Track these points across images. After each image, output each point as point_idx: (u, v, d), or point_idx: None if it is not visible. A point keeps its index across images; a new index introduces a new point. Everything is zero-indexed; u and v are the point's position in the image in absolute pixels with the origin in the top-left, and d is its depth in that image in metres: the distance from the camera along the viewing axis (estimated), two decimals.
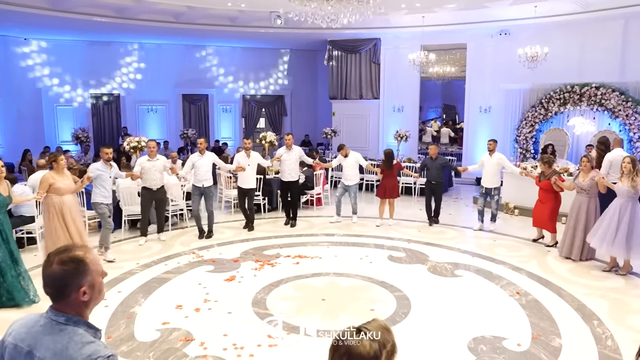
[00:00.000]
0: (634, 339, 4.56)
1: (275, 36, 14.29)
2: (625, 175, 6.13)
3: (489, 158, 8.55)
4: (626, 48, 11.12)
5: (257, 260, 6.77)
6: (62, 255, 1.65)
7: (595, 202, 6.78)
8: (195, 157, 8.00)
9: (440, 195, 9.14)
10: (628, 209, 6.08)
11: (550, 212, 7.53)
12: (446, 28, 12.85)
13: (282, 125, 17.56)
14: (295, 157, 8.84)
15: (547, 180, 7.45)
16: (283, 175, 8.86)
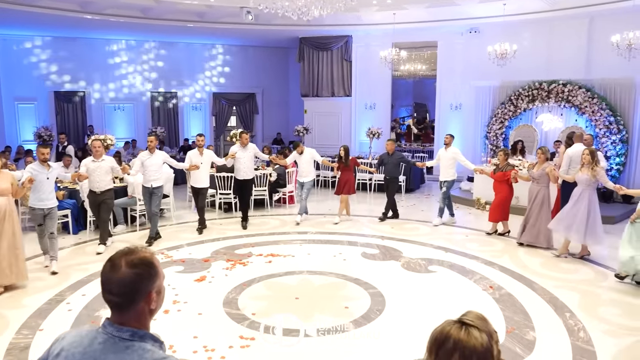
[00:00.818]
0: (605, 329, 4.61)
1: (246, 33, 14.08)
2: (586, 166, 6.50)
3: (445, 152, 8.76)
4: (591, 46, 11.37)
5: (229, 260, 6.60)
6: (131, 257, 1.47)
7: (546, 191, 7.20)
8: (144, 156, 7.57)
9: (394, 191, 9.12)
10: (587, 197, 6.47)
11: (498, 203, 7.91)
12: (417, 25, 12.89)
13: (253, 124, 17.34)
14: (250, 155, 8.55)
15: (501, 172, 7.83)
16: (238, 174, 8.56)
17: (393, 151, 9.11)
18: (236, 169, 8.58)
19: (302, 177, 8.92)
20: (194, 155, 8.20)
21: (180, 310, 4.98)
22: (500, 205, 7.89)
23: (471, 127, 12.75)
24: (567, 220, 6.55)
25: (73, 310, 4.98)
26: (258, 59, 16.82)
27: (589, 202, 6.45)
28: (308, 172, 8.86)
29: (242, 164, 8.48)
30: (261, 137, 17.35)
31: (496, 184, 8.00)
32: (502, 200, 7.89)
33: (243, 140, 8.54)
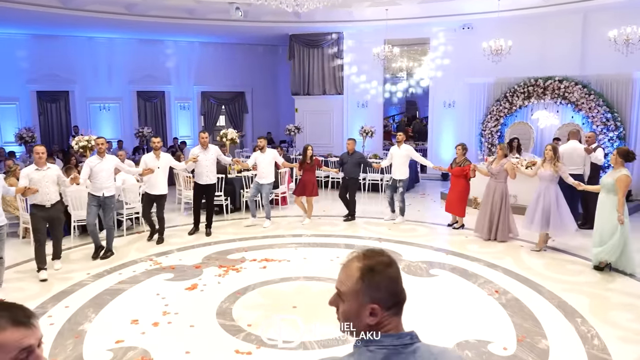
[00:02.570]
0: (620, 336, 4.40)
1: (235, 30, 13.75)
2: (548, 161, 6.74)
3: (398, 150, 8.67)
4: (586, 42, 11.24)
5: (221, 266, 6.29)
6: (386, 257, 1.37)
7: (505, 187, 7.37)
8: (93, 161, 6.63)
9: (354, 191, 8.91)
10: (551, 191, 6.71)
11: (458, 197, 8.08)
12: (409, 22, 12.67)
13: (243, 123, 17.01)
14: (212, 158, 7.90)
15: (459, 167, 7.97)
16: (199, 178, 7.83)
17: (353, 151, 8.86)
18: (197, 173, 7.86)
19: (261, 179, 8.38)
20: (149, 158, 7.39)
21: (171, 323, 4.67)
22: (462, 199, 8.13)
23: (465, 125, 12.56)
24: (538, 217, 6.73)
25: (55, 324, 4.65)
26: (247, 57, 16.48)
27: (555, 196, 6.70)
28: (269, 173, 8.40)
29: (203, 168, 7.78)
30: (251, 136, 17.02)
31: (454, 179, 8.18)
32: (460, 194, 8.10)
33: (202, 142, 7.90)
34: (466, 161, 8.04)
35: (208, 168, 7.84)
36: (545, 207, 6.69)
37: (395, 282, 1.35)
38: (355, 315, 1.34)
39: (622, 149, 6.08)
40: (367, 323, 1.32)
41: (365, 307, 1.31)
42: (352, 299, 1.33)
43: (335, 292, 1.39)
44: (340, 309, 1.38)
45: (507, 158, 7.52)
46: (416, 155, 8.86)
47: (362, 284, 1.32)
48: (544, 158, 6.89)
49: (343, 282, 1.36)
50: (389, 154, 8.97)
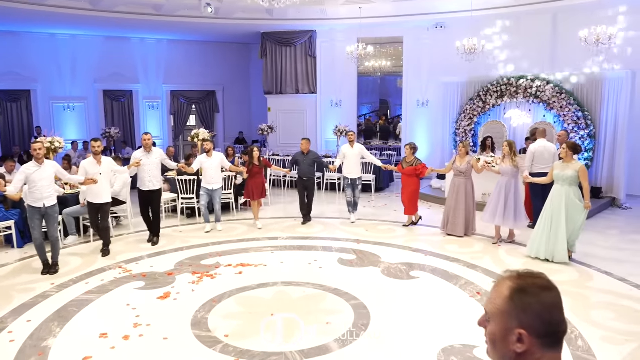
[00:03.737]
0: (603, 336, 4.37)
1: (206, 27, 13.41)
2: (507, 157, 7.05)
3: (351, 149, 8.61)
4: (556, 41, 11.42)
5: (195, 272, 6.03)
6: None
7: (471, 183, 7.58)
8: (30, 168, 5.92)
9: (313, 192, 8.77)
10: (512, 185, 7.05)
11: (410, 195, 8.20)
12: (383, 20, 12.62)
13: (214, 123, 16.66)
14: (156, 162, 7.34)
15: (410, 167, 8.12)
16: (142, 184, 7.27)
17: (308, 150, 8.68)
18: (140, 178, 7.28)
19: (210, 184, 7.97)
20: (89, 165, 6.68)
21: (143, 335, 4.40)
22: (414, 198, 8.25)
23: (439, 124, 12.56)
24: (499, 210, 7.04)
25: (16, 341, 4.31)
26: (218, 55, 16.14)
27: (515, 190, 7.04)
28: (217, 177, 8.01)
29: (146, 173, 7.22)
30: (222, 136, 16.70)
31: (405, 178, 8.27)
32: (413, 194, 8.21)
33: (145, 144, 7.29)
34: (417, 160, 8.18)
35: (151, 173, 7.27)
36: (507, 201, 7.02)
37: (550, 309, 1.23)
38: (501, 339, 1.23)
39: (571, 143, 6.48)
40: (514, 350, 1.20)
41: (512, 331, 1.21)
42: (499, 320, 1.24)
43: (484, 312, 1.29)
44: (487, 330, 1.28)
45: (471, 155, 7.71)
46: (367, 154, 8.86)
47: (511, 304, 1.23)
48: (503, 154, 7.20)
49: (492, 301, 1.28)
50: (340, 153, 8.86)
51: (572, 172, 6.17)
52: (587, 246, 7.21)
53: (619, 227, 8.37)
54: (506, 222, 7.11)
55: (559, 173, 6.32)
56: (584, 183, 6.20)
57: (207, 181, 8.02)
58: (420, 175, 8.19)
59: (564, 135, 8.70)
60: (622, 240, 7.61)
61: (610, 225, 8.51)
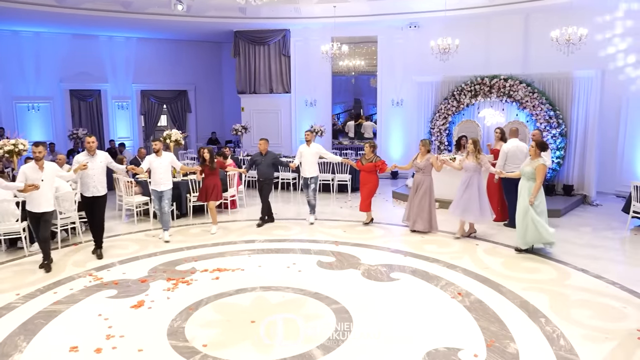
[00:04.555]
0: (584, 334, 4.39)
1: (177, 25, 13.10)
2: (471, 154, 7.38)
3: (307, 148, 8.56)
4: (528, 41, 11.61)
5: (169, 279, 5.83)
6: None
7: (430, 180, 7.81)
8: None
9: (268, 193, 8.54)
10: (476, 181, 7.34)
11: (368, 193, 8.30)
12: (357, 19, 12.58)
13: (186, 123, 16.33)
14: (100, 166, 6.78)
15: (370, 163, 8.19)
16: (85, 189, 6.75)
17: (266, 151, 8.52)
18: (83, 184, 6.76)
19: (158, 185, 7.51)
20: (30, 170, 6.17)
21: (116, 348, 4.19)
22: (371, 195, 8.35)
23: (414, 123, 12.58)
24: (462, 204, 7.34)
25: None
26: (190, 54, 15.82)
27: (478, 186, 7.35)
28: (166, 179, 7.56)
29: (90, 178, 6.67)
30: (195, 137, 16.38)
31: (365, 175, 8.34)
32: (372, 190, 8.32)
33: (89, 147, 6.74)
34: (376, 157, 8.28)
35: (96, 177, 6.72)
36: (470, 196, 7.30)
37: None
38: None
39: (538, 141, 6.85)
40: None
41: None
42: None
43: None
44: None
45: (431, 153, 7.90)
46: (325, 152, 8.84)
47: None
48: (467, 151, 7.50)
49: None
50: (297, 153, 8.78)
51: (530, 169, 6.62)
52: (562, 244, 7.30)
53: (591, 224, 8.52)
54: (470, 216, 7.36)
55: (523, 168, 6.79)
56: (536, 179, 6.54)
57: (155, 182, 7.57)
58: (380, 171, 8.30)
59: (538, 134, 8.82)
60: (595, 237, 7.73)
61: (582, 223, 8.66)
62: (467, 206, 7.31)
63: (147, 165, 7.62)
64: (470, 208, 7.30)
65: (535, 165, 6.57)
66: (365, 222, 8.50)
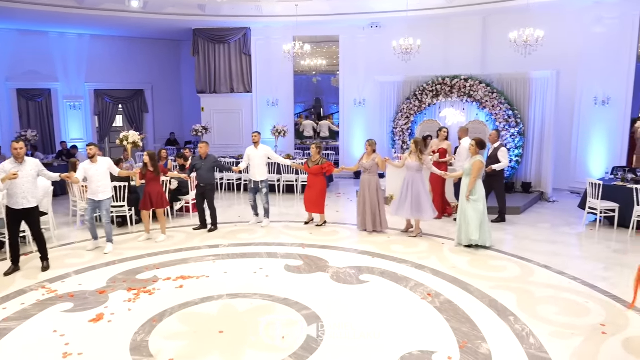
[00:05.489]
0: (552, 331, 4.46)
1: (132, 22, 12.63)
2: (413, 154, 7.57)
3: (255, 150, 8.35)
4: (487, 42, 11.87)
5: (130, 289, 5.54)
6: None
7: (376, 180, 7.89)
8: None
9: (212, 199, 8.11)
10: (418, 180, 7.54)
11: (318, 195, 8.26)
12: (319, 19, 12.50)
13: (143, 123, 15.81)
14: (31, 174, 6.07)
15: (317, 166, 8.16)
16: (13, 201, 5.97)
17: (206, 154, 8.06)
18: (10, 194, 5.97)
19: (96, 195, 6.86)
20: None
21: None
22: (321, 197, 8.30)
23: (377, 123, 12.63)
24: (406, 203, 7.53)
25: None
26: (147, 52, 15.31)
27: (421, 185, 7.55)
28: (105, 187, 6.95)
29: (18, 188, 5.93)
30: (153, 138, 15.88)
31: (312, 177, 8.30)
32: (321, 192, 8.28)
33: (16, 154, 5.97)
34: (322, 159, 8.26)
35: (25, 188, 5.97)
36: (413, 195, 7.49)
37: None
38: None
39: (478, 139, 7.12)
40: None
41: None
42: None
43: None
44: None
45: (377, 153, 7.95)
46: (274, 155, 8.73)
47: None
48: (410, 151, 7.67)
49: None
50: (245, 156, 8.55)
51: (468, 166, 6.96)
52: (523, 241, 7.49)
53: (550, 221, 8.77)
54: (413, 213, 7.56)
55: (465, 166, 7.12)
56: (472, 175, 6.85)
57: (92, 191, 6.89)
58: (327, 173, 8.29)
59: (494, 134, 8.99)
60: (554, 233, 7.95)
61: (541, 219, 8.90)
62: (410, 204, 7.50)
63: (82, 173, 6.89)
64: (412, 206, 7.49)
65: (472, 162, 6.90)
66: (318, 223, 8.41)
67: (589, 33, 10.63)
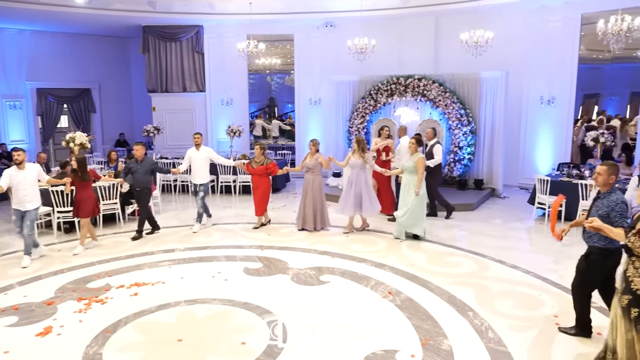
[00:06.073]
0: (509, 325, 4.58)
1: (78, 18, 12.04)
2: (356, 152, 7.69)
3: (197, 152, 8.08)
4: (439, 43, 12.11)
5: (80, 299, 5.27)
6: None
7: (319, 179, 7.95)
8: None
9: (146, 204, 7.78)
10: (362, 178, 7.71)
11: (262, 196, 8.17)
12: (273, 17, 12.37)
13: (90, 124, 15.13)
14: None
15: (262, 166, 8.08)
16: None
17: (143, 157, 7.66)
18: None
19: (23, 204, 6.37)
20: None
21: None
22: (265, 198, 8.20)
23: (332, 122, 12.63)
24: (351, 201, 7.66)
25: None
26: (93, 50, 14.66)
27: (365, 182, 7.71)
28: (32, 195, 6.44)
29: None
30: (101, 139, 15.25)
31: (256, 178, 8.17)
32: (265, 192, 8.18)
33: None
34: (267, 159, 8.16)
35: None
36: (357, 192, 7.65)
37: None
38: None
39: (417, 137, 7.55)
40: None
41: None
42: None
43: None
44: None
45: (320, 152, 8.00)
46: (217, 156, 8.51)
47: None
48: (353, 149, 7.79)
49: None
50: (185, 157, 8.26)
51: (412, 163, 7.26)
52: (478, 236, 7.69)
53: (501, 216, 9.05)
54: (359, 211, 7.72)
55: (405, 164, 7.43)
56: (418, 172, 7.19)
57: (18, 200, 6.35)
58: (272, 174, 8.20)
59: (431, 132, 9.22)
60: (506, 229, 8.22)
61: (493, 215, 9.17)
62: (353, 202, 7.64)
63: (7, 181, 6.25)
64: (357, 204, 7.65)
65: (416, 159, 7.22)
66: (255, 226, 8.24)
67: (535, 35, 11.05)
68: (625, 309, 3.25)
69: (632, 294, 3.22)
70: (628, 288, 3.25)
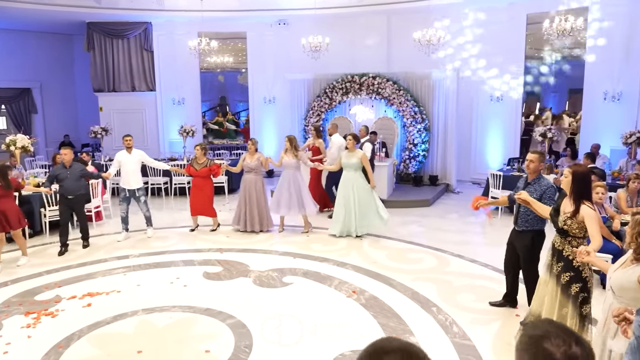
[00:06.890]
0: (472, 318, 4.67)
1: (15, 13, 11.33)
2: (289, 151, 7.61)
3: (128, 155, 7.62)
4: (392, 41, 12.26)
5: (28, 313, 4.93)
6: None
7: (262, 180, 7.89)
8: None
9: (82, 211, 7.29)
10: (297, 177, 7.66)
11: (209, 198, 8.02)
12: (225, 14, 12.16)
13: (31, 125, 14.33)
14: None
15: (205, 168, 7.88)
16: None
17: (71, 163, 7.02)
18: None
19: None
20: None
21: None
22: (211, 199, 8.05)
23: (288, 121, 12.55)
24: (284, 201, 7.58)
25: None
26: (34, 47, 13.86)
27: (300, 181, 7.68)
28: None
29: None
30: (44, 141, 14.46)
31: (200, 180, 7.93)
32: (210, 195, 8.02)
33: None
34: (210, 160, 8.00)
35: None
36: (292, 191, 7.57)
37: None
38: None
39: (353, 134, 7.60)
40: None
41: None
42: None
43: None
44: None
45: (260, 152, 7.94)
46: (150, 160, 8.09)
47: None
48: (285, 149, 7.70)
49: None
50: (115, 161, 7.73)
51: (356, 160, 7.26)
52: (436, 232, 7.84)
53: (457, 211, 9.27)
54: (294, 211, 7.62)
55: (346, 162, 7.33)
56: (366, 167, 7.30)
57: None
58: (214, 175, 8.04)
59: (363, 130, 9.38)
60: (462, 223, 8.42)
61: (449, 210, 9.38)
62: (288, 202, 7.56)
63: None
64: (291, 203, 7.56)
65: (360, 156, 7.30)
66: (212, 228, 8.04)
67: (484, 34, 11.37)
68: (565, 286, 3.52)
69: (573, 271, 3.50)
70: (569, 265, 3.51)
